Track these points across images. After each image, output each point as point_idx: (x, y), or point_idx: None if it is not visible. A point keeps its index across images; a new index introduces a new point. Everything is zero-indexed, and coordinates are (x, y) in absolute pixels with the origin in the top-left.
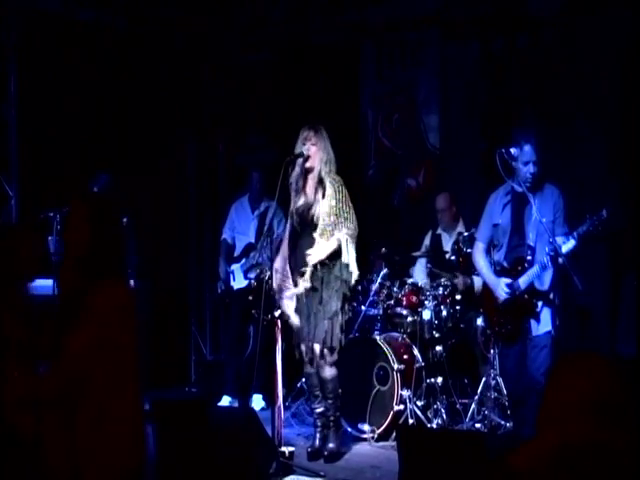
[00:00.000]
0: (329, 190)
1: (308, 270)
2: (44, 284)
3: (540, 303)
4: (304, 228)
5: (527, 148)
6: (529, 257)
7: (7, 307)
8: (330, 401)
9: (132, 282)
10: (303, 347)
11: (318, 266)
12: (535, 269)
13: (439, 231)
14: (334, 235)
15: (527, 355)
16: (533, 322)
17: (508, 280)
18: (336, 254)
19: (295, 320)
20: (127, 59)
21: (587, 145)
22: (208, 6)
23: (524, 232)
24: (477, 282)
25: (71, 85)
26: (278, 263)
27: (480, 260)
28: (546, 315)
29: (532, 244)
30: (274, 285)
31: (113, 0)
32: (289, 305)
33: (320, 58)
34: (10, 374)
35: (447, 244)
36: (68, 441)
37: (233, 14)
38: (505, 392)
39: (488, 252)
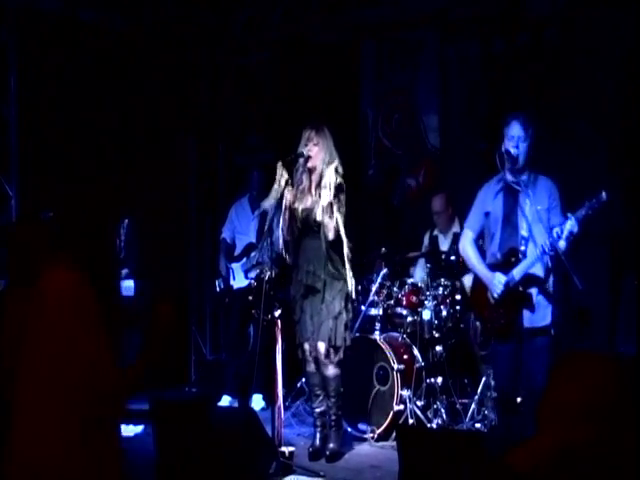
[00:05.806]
0: (326, 189)
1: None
2: None
3: (535, 291)
4: (307, 229)
5: (514, 123)
6: (522, 247)
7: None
8: (333, 400)
9: (132, 282)
10: (306, 346)
11: (321, 265)
12: (530, 259)
13: (436, 232)
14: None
15: (525, 354)
16: (528, 314)
17: (503, 277)
18: (339, 253)
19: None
20: (127, 59)
21: (587, 145)
22: (208, 6)
23: (516, 222)
24: (467, 282)
25: (71, 85)
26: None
27: (469, 250)
28: (544, 308)
29: (525, 234)
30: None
31: (113, 0)
32: None
33: (320, 58)
34: None
35: (443, 244)
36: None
37: (233, 14)
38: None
39: (478, 245)
